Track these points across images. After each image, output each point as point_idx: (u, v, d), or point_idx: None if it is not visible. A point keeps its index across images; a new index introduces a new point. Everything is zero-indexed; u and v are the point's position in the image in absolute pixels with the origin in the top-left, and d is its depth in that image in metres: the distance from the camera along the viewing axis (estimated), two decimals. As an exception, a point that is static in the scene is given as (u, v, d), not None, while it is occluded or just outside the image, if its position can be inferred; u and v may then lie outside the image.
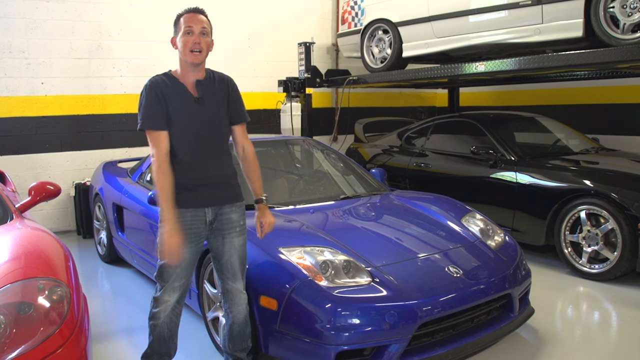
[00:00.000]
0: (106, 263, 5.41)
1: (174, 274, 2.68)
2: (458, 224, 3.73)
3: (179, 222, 2.61)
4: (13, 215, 3.14)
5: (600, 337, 3.70)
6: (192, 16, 2.66)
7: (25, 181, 6.16)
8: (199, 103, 2.68)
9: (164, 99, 2.62)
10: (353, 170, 4.71)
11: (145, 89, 2.65)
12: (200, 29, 2.64)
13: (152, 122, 2.61)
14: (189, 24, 2.63)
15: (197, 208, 2.70)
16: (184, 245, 2.63)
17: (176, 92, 2.66)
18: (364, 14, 7.06)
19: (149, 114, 2.61)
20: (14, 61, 6.26)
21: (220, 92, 2.77)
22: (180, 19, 2.68)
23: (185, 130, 2.66)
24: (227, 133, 2.81)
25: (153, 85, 2.65)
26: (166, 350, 2.83)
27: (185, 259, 2.69)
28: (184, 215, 2.66)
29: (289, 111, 7.19)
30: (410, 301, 2.82)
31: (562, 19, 4.86)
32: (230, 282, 2.80)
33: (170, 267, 2.66)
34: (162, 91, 2.63)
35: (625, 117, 7.34)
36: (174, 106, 2.63)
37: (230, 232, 2.76)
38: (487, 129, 5.67)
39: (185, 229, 2.66)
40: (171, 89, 2.66)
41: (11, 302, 2.16)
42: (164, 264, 2.66)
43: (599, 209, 4.49)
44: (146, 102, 2.62)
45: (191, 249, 2.71)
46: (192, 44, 2.61)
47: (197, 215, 2.70)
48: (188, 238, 2.68)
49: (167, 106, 2.63)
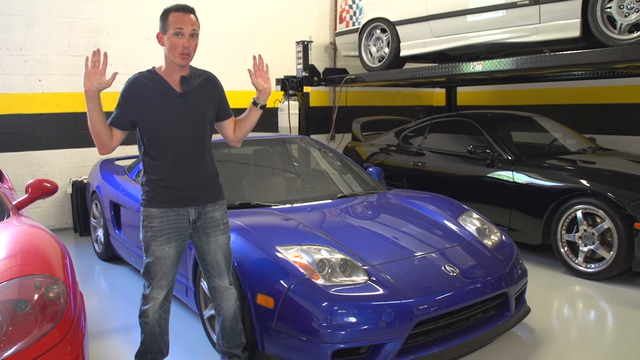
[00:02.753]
0: (103, 261, 5.40)
1: (159, 272, 2.70)
2: (455, 223, 3.74)
3: (162, 222, 2.66)
4: (10, 212, 3.13)
5: (596, 336, 3.71)
6: (182, 16, 2.60)
7: (22, 179, 6.16)
8: (184, 99, 2.67)
9: (142, 97, 2.63)
10: (350, 169, 4.72)
11: (125, 86, 2.69)
12: (190, 31, 2.61)
13: (113, 118, 2.69)
14: (179, 25, 2.59)
15: (181, 207, 2.70)
16: (167, 244, 2.68)
17: (157, 90, 2.65)
18: (362, 12, 7.07)
19: (116, 110, 2.69)
20: (12, 58, 6.25)
21: (207, 90, 2.77)
22: (169, 15, 2.61)
23: (168, 128, 2.65)
24: (210, 131, 2.81)
25: (132, 83, 2.67)
26: (158, 348, 2.84)
27: (170, 256, 2.71)
28: (168, 214, 2.68)
29: (287, 110, 7.18)
30: (407, 300, 2.83)
31: (559, 19, 4.87)
32: (216, 280, 2.82)
33: (156, 265, 2.68)
34: (142, 88, 2.65)
35: (622, 117, 7.36)
36: (155, 104, 2.63)
37: (214, 231, 2.78)
38: (485, 129, 5.68)
39: (170, 228, 2.68)
40: (151, 87, 2.65)
41: (8, 300, 2.15)
42: (149, 261, 2.69)
43: (596, 209, 4.50)
44: (120, 99, 2.68)
45: (175, 247, 2.73)
46: (182, 47, 2.59)
47: (180, 214, 2.71)
48: (172, 237, 2.70)
49: (144, 105, 2.63)
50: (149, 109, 2.64)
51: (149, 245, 2.70)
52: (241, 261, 3.05)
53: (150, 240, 2.69)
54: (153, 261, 2.69)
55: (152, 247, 2.68)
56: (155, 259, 2.69)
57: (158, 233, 2.68)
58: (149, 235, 2.69)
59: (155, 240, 2.68)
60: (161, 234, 2.68)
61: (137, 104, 2.65)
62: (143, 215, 2.72)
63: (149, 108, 2.64)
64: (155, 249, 2.68)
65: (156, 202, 2.69)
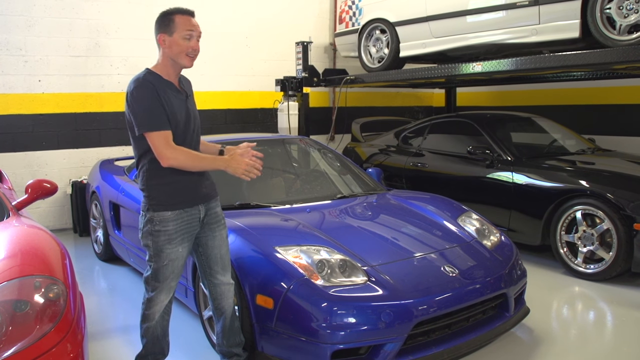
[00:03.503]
0: (103, 261, 5.40)
1: (171, 275, 2.70)
2: (454, 224, 3.74)
3: (177, 224, 2.66)
4: (10, 213, 3.13)
5: (595, 336, 3.71)
6: (189, 20, 2.63)
7: (22, 179, 6.16)
8: (187, 100, 2.73)
9: (163, 99, 2.58)
10: (350, 170, 4.72)
11: (141, 89, 2.54)
12: (198, 34, 2.65)
13: (160, 124, 2.53)
14: (189, 28, 2.60)
15: (193, 207, 2.72)
16: (181, 245, 2.68)
17: (170, 91, 2.64)
18: (362, 13, 7.07)
19: (157, 114, 2.53)
20: (11, 58, 6.24)
21: (191, 92, 2.85)
22: (174, 18, 2.60)
23: (182, 128, 2.67)
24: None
25: (148, 84, 2.55)
26: (160, 349, 2.85)
27: (183, 257, 2.73)
28: (182, 216, 2.68)
29: (286, 110, 7.19)
30: (406, 300, 2.83)
31: (558, 20, 4.88)
32: (219, 276, 2.84)
33: (168, 268, 2.67)
34: (158, 91, 2.57)
35: (621, 117, 7.37)
36: (172, 105, 2.62)
37: (218, 226, 2.84)
38: (484, 129, 5.69)
39: (184, 229, 2.69)
40: (165, 88, 2.62)
41: (7, 300, 2.15)
42: (162, 265, 2.66)
43: (595, 209, 4.51)
44: (148, 102, 2.53)
45: (188, 247, 2.75)
46: (192, 50, 2.62)
47: (192, 214, 2.72)
48: (186, 237, 2.71)
49: (165, 106, 2.58)
50: (171, 109, 2.60)
51: (161, 250, 2.64)
52: (241, 262, 3.06)
53: (164, 243, 2.64)
54: (166, 264, 2.65)
55: (166, 251, 2.64)
56: (169, 262, 2.66)
57: (173, 236, 2.65)
58: (163, 240, 2.63)
59: (170, 243, 2.65)
60: (176, 236, 2.66)
61: (163, 104, 2.57)
62: (155, 220, 2.63)
63: (171, 108, 2.60)
64: (170, 252, 2.65)
65: (170, 205, 2.65)
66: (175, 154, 2.55)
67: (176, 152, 2.56)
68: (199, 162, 2.63)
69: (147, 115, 2.53)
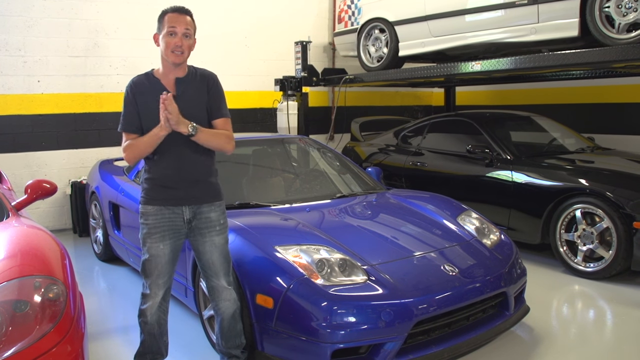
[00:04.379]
0: (102, 261, 5.40)
1: (155, 270, 2.73)
2: (454, 223, 3.74)
3: (157, 220, 2.70)
4: (9, 213, 3.13)
5: (595, 335, 3.71)
6: (176, 17, 2.65)
7: (21, 179, 6.15)
8: (178, 100, 2.65)
9: (140, 99, 2.68)
10: (349, 169, 4.72)
11: (125, 92, 2.74)
12: (183, 31, 2.65)
13: (124, 125, 2.71)
14: (172, 24, 2.64)
15: (176, 206, 2.73)
16: (162, 242, 2.71)
17: (153, 91, 2.66)
18: (361, 13, 7.07)
19: (123, 117, 2.71)
20: (10, 59, 6.24)
21: (201, 89, 2.77)
22: (164, 16, 2.68)
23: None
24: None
25: (131, 86, 2.72)
26: (157, 348, 2.86)
27: (165, 254, 2.73)
28: (163, 212, 2.72)
29: (286, 110, 7.18)
30: (406, 299, 2.83)
31: (557, 19, 4.88)
32: (214, 280, 2.84)
33: (151, 262, 2.72)
34: (138, 92, 2.69)
35: (620, 116, 7.37)
36: (150, 105, 2.64)
37: (210, 231, 2.78)
38: (483, 128, 5.69)
39: (165, 225, 2.71)
40: (148, 88, 2.69)
41: (7, 300, 2.15)
42: (145, 259, 2.73)
43: (594, 208, 4.51)
44: (124, 105, 2.72)
45: (170, 245, 2.75)
46: (174, 45, 2.63)
47: (175, 212, 2.73)
48: (167, 234, 2.73)
49: (142, 106, 2.67)
50: (146, 110, 2.68)
51: (144, 243, 2.75)
52: (240, 261, 3.05)
53: (146, 236, 2.73)
54: (148, 258, 2.73)
55: (147, 244, 2.73)
56: (151, 257, 2.72)
57: (153, 230, 2.71)
58: (145, 232, 2.74)
59: (150, 237, 2.72)
60: (156, 231, 2.71)
61: (137, 107, 2.70)
62: (140, 212, 2.76)
63: (146, 110, 2.68)
64: (150, 246, 2.72)
65: (153, 200, 2.73)
66: (125, 150, 2.70)
67: (125, 149, 2.69)
68: (142, 144, 2.65)
69: (121, 117, 2.73)
